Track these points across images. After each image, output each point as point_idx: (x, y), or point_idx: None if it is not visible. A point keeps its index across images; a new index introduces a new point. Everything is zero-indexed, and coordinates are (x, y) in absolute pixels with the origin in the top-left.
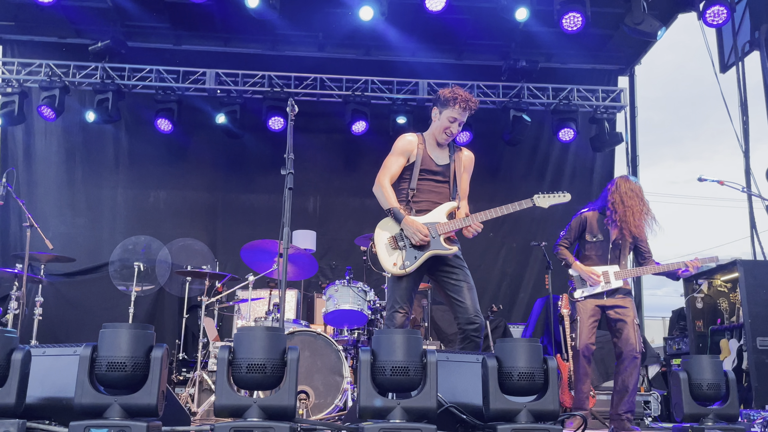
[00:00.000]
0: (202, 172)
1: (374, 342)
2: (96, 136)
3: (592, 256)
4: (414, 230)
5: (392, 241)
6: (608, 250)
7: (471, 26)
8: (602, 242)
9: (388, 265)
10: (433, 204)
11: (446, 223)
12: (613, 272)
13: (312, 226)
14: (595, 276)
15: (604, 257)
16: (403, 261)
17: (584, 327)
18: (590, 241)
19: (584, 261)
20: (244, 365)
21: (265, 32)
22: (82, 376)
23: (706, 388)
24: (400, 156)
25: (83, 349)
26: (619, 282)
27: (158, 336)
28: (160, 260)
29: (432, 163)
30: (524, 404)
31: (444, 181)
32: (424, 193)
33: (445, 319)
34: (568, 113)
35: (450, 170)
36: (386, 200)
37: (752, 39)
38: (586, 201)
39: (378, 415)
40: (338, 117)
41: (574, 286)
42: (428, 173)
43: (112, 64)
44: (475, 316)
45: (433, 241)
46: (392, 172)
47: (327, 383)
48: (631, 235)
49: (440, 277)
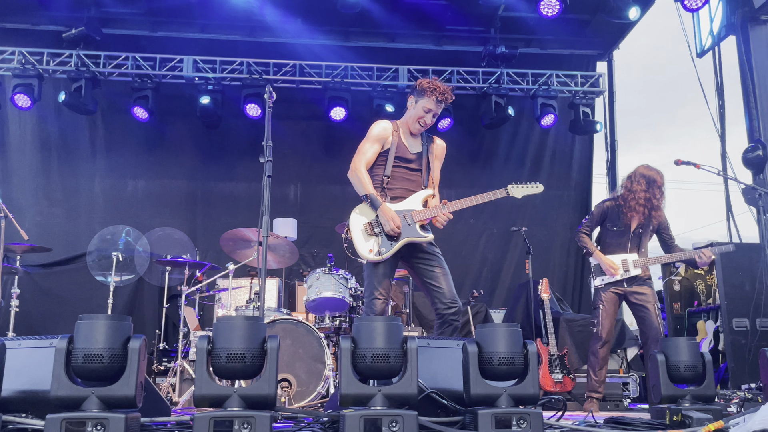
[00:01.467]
0: (181, 160)
1: (355, 329)
2: (72, 125)
3: (612, 244)
4: (388, 219)
5: (368, 228)
6: (628, 239)
7: (451, 12)
8: (622, 231)
9: (364, 252)
10: (407, 191)
11: (422, 211)
12: (632, 260)
13: (293, 213)
14: (613, 268)
15: (624, 245)
16: (379, 247)
17: (606, 315)
18: (611, 229)
19: (605, 248)
20: (223, 355)
21: (243, 18)
22: (59, 369)
23: (683, 370)
24: (375, 142)
25: (59, 341)
26: (638, 270)
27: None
28: (139, 250)
29: (406, 151)
30: (505, 389)
31: (417, 170)
32: (398, 181)
33: (427, 305)
34: (547, 99)
35: (423, 159)
36: (362, 186)
37: (728, 23)
38: (566, 185)
39: (359, 402)
40: (318, 104)
41: (595, 275)
42: (402, 161)
43: (86, 52)
44: (452, 301)
45: (409, 229)
46: (368, 158)
47: (309, 371)
48: (649, 222)
49: (415, 263)
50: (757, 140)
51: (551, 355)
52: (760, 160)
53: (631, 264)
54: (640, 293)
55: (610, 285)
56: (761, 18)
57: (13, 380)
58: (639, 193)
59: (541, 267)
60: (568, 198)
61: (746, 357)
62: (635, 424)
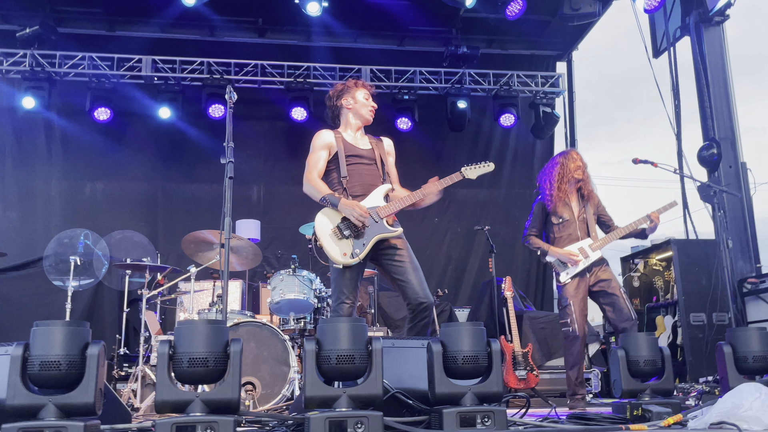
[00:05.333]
0: (141, 161)
1: (319, 331)
2: (27, 126)
3: (562, 237)
4: (351, 207)
5: (337, 232)
6: (576, 227)
7: (413, 12)
8: (568, 221)
9: (337, 257)
10: (368, 186)
11: (386, 206)
12: (587, 245)
13: (256, 215)
14: (574, 256)
15: (574, 235)
16: (352, 249)
17: (577, 309)
18: (556, 223)
19: (557, 244)
20: (185, 359)
21: (203, 18)
22: (14, 377)
23: (642, 365)
24: (321, 150)
25: (14, 348)
26: (598, 253)
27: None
28: (98, 254)
29: (355, 148)
30: (469, 387)
31: (371, 163)
32: (356, 177)
33: (392, 305)
34: (508, 99)
35: (375, 154)
36: (317, 191)
37: (683, 24)
38: (528, 184)
39: (324, 404)
40: (280, 104)
41: (557, 272)
42: (354, 157)
43: (41, 51)
44: (424, 296)
45: (377, 226)
46: (318, 168)
47: (274, 373)
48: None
49: (384, 261)
50: (711, 139)
51: (515, 352)
52: (715, 159)
53: (588, 249)
54: (604, 280)
55: (576, 277)
56: (715, 20)
57: None
58: (561, 176)
59: (504, 265)
60: (531, 197)
61: (704, 351)
62: (597, 419)
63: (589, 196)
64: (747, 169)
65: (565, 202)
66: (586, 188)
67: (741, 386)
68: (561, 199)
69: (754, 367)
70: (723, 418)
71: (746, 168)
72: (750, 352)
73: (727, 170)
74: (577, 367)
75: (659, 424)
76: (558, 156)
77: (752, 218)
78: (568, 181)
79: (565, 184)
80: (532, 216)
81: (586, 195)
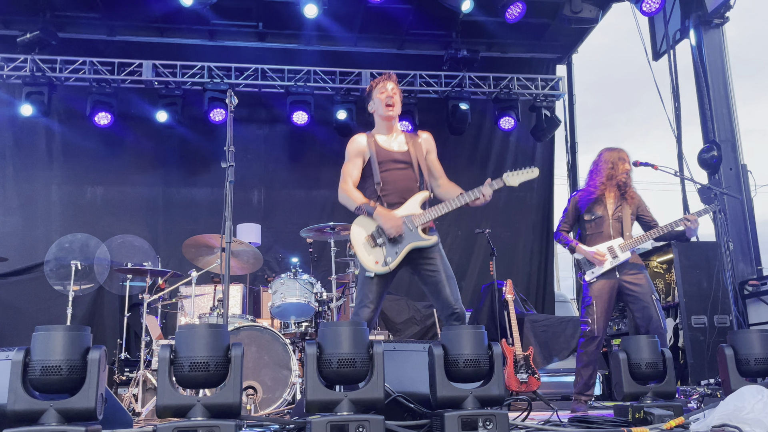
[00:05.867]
0: (142, 166)
1: (320, 335)
2: (28, 131)
3: (593, 234)
4: (386, 219)
5: (370, 240)
6: (609, 225)
7: (412, 16)
8: (601, 218)
9: (370, 264)
10: (404, 193)
11: (422, 214)
12: (618, 245)
13: (257, 219)
14: (599, 256)
15: (606, 233)
16: (384, 258)
17: (599, 310)
18: (588, 219)
19: (588, 241)
20: (186, 364)
21: (203, 22)
22: (15, 382)
23: (644, 368)
24: (355, 158)
25: (15, 354)
26: (627, 254)
27: (98, 336)
28: (99, 258)
29: (389, 152)
30: (471, 390)
31: (407, 167)
32: (391, 184)
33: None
34: (508, 102)
35: (410, 156)
36: (352, 200)
37: (683, 27)
38: (528, 187)
39: (325, 408)
40: (281, 108)
41: (583, 270)
42: (389, 162)
43: (42, 56)
44: (455, 306)
45: (411, 234)
46: (353, 177)
47: (275, 377)
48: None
49: (419, 269)
50: (711, 141)
51: (516, 355)
52: (715, 161)
53: (618, 249)
54: (635, 283)
55: (602, 276)
56: (714, 22)
57: None
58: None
59: (505, 268)
60: (531, 200)
61: (705, 353)
62: (599, 422)
63: (629, 196)
64: (747, 171)
65: (602, 200)
66: (629, 189)
67: (743, 389)
68: (598, 197)
69: (755, 369)
70: (725, 421)
71: (747, 170)
72: (752, 355)
73: (728, 172)
74: (591, 367)
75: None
76: (606, 152)
77: (753, 220)
78: (615, 181)
79: (611, 183)
80: (565, 212)
81: (627, 195)
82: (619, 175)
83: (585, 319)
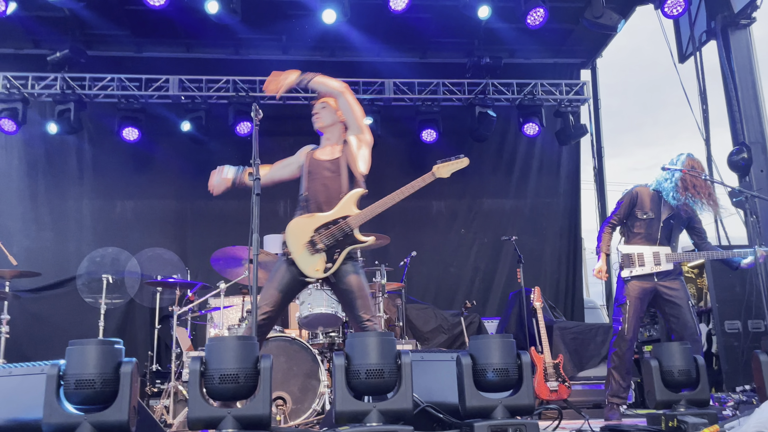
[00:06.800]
0: (169, 179)
1: (348, 345)
2: (58, 148)
3: (640, 233)
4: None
5: (309, 246)
6: (658, 229)
7: (434, 25)
8: (652, 220)
9: (311, 271)
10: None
11: (357, 215)
12: (664, 254)
13: (282, 229)
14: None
15: (654, 236)
16: (324, 264)
17: (632, 310)
18: (640, 218)
19: (633, 238)
20: (216, 376)
21: (228, 37)
22: (50, 396)
23: (677, 375)
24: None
25: (50, 368)
26: (670, 265)
27: (130, 348)
28: (129, 271)
29: (318, 162)
30: (500, 400)
31: (334, 175)
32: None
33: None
34: (532, 108)
35: (339, 163)
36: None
37: (709, 29)
38: (554, 193)
39: (354, 419)
40: (305, 119)
41: (621, 265)
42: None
43: (71, 74)
44: (364, 324)
45: (349, 237)
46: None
47: (304, 388)
48: (680, 213)
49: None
50: (741, 143)
51: (546, 363)
52: (745, 163)
53: (663, 257)
54: (672, 288)
55: (639, 278)
56: (741, 23)
57: (4, 409)
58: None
59: (532, 275)
60: (557, 206)
61: (739, 359)
62: (631, 431)
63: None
64: None
65: (658, 202)
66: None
67: None
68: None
69: None
70: (761, 429)
71: None
72: None
73: (759, 174)
74: (623, 368)
75: None
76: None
77: None
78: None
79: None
80: (620, 204)
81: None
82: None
83: (617, 317)
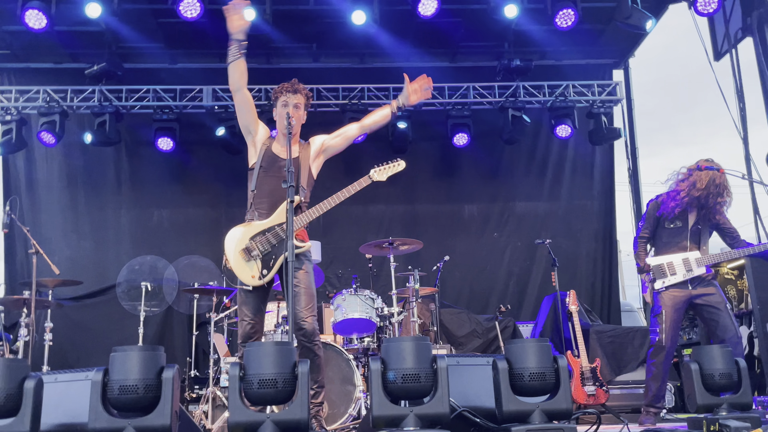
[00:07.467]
0: (204, 188)
1: (383, 350)
2: (97, 159)
3: (669, 243)
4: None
5: (244, 254)
6: (687, 236)
7: (463, 28)
8: (680, 228)
9: (246, 278)
10: (277, 202)
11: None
12: (694, 259)
13: (316, 236)
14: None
15: (684, 244)
16: (260, 270)
17: (669, 320)
18: (668, 227)
19: (662, 248)
20: (255, 381)
21: (259, 46)
22: (95, 401)
23: (717, 378)
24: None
25: (94, 374)
26: (701, 269)
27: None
28: (167, 279)
29: (274, 158)
30: (537, 404)
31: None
32: (265, 192)
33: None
34: (564, 109)
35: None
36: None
37: (744, 25)
38: (588, 195)
39: (391, 424)
40: (337, 126)
41: (653, 277)
42: (269, 169)
43: (108, 87)
44: (302, 321)
45: (284, 244)
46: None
47: (340, 393)
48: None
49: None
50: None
51: (582, 367)
52: None
53: (693, 263)
54: (708, 294)
55: (673, 287)
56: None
57: (51, 414)
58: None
59: (567, 279)
60: (591, 207)
61: None
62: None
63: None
64: None
65: (685, 210)
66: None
67: None
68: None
69: None
70: None
71: None
72: None
73: None
74: (660, 378)
75: None
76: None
77: None
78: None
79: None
80: (645, 217)
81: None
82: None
83: (654, 328)
